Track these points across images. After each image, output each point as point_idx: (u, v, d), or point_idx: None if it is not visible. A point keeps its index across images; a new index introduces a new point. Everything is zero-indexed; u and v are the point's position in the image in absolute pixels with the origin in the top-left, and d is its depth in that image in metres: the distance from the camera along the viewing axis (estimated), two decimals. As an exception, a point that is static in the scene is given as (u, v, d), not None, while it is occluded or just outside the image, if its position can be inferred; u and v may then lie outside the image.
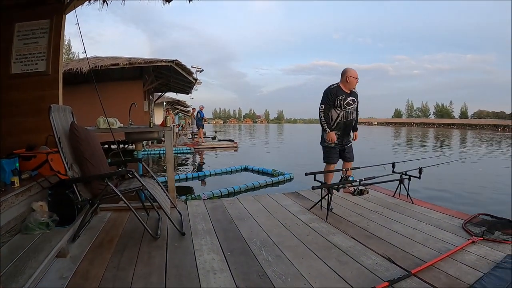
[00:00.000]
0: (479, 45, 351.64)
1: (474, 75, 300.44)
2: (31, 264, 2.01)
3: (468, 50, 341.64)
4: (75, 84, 12.00)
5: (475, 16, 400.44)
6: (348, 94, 4.76)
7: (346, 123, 4.83)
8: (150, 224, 3.53)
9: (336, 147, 4.86)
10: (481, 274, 2.43)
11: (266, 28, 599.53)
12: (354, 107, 4.82)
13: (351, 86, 4.77)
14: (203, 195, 6.51)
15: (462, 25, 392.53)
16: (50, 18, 4.03)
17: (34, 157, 3.39)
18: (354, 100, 4.81)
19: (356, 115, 4.96)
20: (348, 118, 4.79)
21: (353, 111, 4.83)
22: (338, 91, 4.74)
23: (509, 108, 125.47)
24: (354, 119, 4.91)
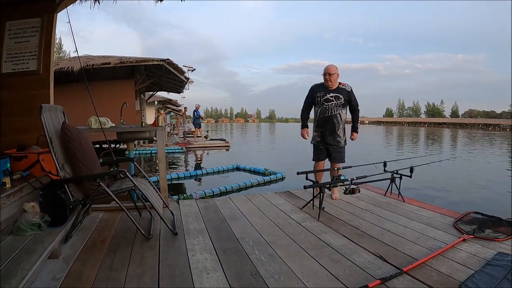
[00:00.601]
0: (470, 45, 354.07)
1: (465, 75, 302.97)
2: (23, 266, 2.00)
3: (459, 50, 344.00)
4: (66, 83, 11.91)
5: (466, 16, 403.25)
6: (330, 90, 4.66)
7: (324, 120, 4.71)
8: (143, 224, 3.52)
9: (320, 144, 4.80)
10: (472, 272, 2.46)
11: (257, 27, 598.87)
12: (334, 104, 4.63)
13: (326, 83, 4.68)
14: (195, 195, 6.50)
15: (453, 25, 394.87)
16: (42, 16, 4.00)
17: (25, 157, 3.37)
18: (338, 97, 4.62)
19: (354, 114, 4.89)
20: (325, 115, 4.69)
21: (332, 107, 4.64)
22: (318, 88, 4.77)
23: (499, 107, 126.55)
24: (333, 116, 4.65)
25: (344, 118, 4.74)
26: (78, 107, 7.07)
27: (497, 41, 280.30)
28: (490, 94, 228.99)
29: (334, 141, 4.70)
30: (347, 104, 4.72)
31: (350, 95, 4.69)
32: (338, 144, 4.71)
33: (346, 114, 4.78)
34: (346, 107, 4.75)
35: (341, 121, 4.70)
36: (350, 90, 4.69)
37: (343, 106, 4.67)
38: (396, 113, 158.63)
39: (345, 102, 4.66)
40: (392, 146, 23.26)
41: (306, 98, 4.90)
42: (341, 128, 4.72)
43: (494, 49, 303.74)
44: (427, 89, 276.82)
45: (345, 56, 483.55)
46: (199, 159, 14.80)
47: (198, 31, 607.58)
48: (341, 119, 4.69)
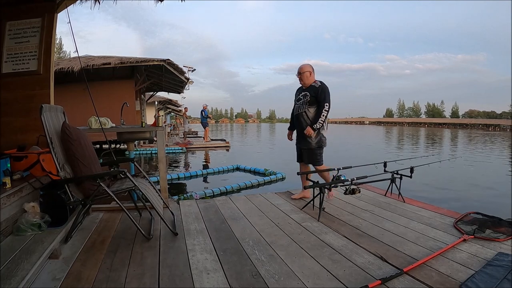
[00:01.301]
0: (469, 45, 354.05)
1: (465, 75, 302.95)
2: (23, 266, 2.00)
3: (459, 50, 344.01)
4: (66, 83, 11.92)
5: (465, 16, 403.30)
6: (302, 90, 4.68)
7: (295, 119, 4.80)
8: (143, 225, 3.52)
9: (297, 145, 4.85)
10: (472, 272, 2.46)
11: (257, 27, 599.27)
12: (302, 102, 4.60)
13: (300, 82, 4.72)
14: (195, 195, 6.50)
15: (453, 25, 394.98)
16: (42, 17, 4.00)
17: (25, 157, 3.37)
18: (306, 95, 4.56)
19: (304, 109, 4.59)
20: (294, 114, 4.79)
21: (299, 106, 4.64)
22: (298, 89, 4.85)
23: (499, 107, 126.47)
24: (299, 115, 4.64)
25: (313, 116, 4.55)
26: (78, 107, 7.10)
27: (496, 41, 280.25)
28: (490, 94, 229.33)
29: (304, 141, 4.63)
30: (315, 101, 4.53)
31: (318, 90, 4.50)
32: (308, 145, 4.60)
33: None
34: (316, 105, 4.55)
35: (308, 119, 4.57)
36: (318, 86, 4.52)
37: (310, 103, 4.54)
38: (396, 113, 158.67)
39: (311, 99, 4.53)
40: (392, 147, 23.25)
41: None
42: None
43: (493, 49, 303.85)
44: (427, 89, 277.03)
45: (345, 56, 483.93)
46: (199, 160, 14.77)
47: (198, 31, 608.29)
48: (307, 117, 4.57)
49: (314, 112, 4.54)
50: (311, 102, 4.52)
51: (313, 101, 4.52)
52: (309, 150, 4.61)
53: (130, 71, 14.87)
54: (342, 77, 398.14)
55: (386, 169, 4.60)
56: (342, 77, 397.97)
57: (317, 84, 4.53)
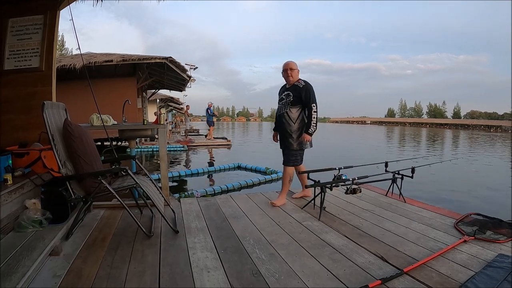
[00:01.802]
0: (471, 46, 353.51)
1: (467, 75, 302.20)
2: (24, 263, 2.01)
3: (461, 50, 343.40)
4: (68, 81, 11.91)
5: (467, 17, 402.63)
6: (285, 89, 4.50)
7: (277, 120, 4.58)
8: (144, 222, 3.52)
9: (280, 146, 4.65)
10: (472, 273, 2.46)
11: (259, 26, 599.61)
12: (284, 102, 4.42)
13: (286, 80, 4.52)
14: (196, 193, 6.50)
15: (454, 26, 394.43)
16: (44, 14, 4.01)
17: (27, 154, 3.38)
18: (288, 95, 4.37)
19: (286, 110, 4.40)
20: (277, 114, 4.59)
21: (281, 106, 4.46)
22: (281, 88, 4.67)
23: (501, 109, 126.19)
24: (281, 116, 4.43)
25: (296, 116, 4.34)
26: (80, 104, 7.10)
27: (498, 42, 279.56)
28: (492, 96, 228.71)
29: (286, 141, 4.44)
30: (298, 101, 4.32)
31: (302, 90, 4.29)
32: (289, 146, 4.42)
33: (301, 113, 4.37)
34: (299, 105, 4.35)
35: (290, 120, 4.35)
36: (302, 86, 4.31)
37: (293, 103, 4.33)
38: (398, 113, 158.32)
39: (294, 99, 4.32)
40: (393, 147, 23.23)
41: None
42: (294, 129, 4.36)
43: (495, 50, 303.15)
44: (429, 90, 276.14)
45: (347, 56, 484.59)
46: (200, 158, 14.78)
47: (200, 30, 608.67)
48: (289, 118, 4.35)
49: (296, 113, 4.35)
50: (294, 102, 4.33)
51: (296, 101, 4.33)
52: (290, 151, 4.44)
53: (132, 68, 14.87)
54: (344, 77, 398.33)
55: (387, 169, 4.59)
56: (343, 76, 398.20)
57: (301, 84, 4.34)
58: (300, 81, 4.38)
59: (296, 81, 4.40)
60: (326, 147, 20.46)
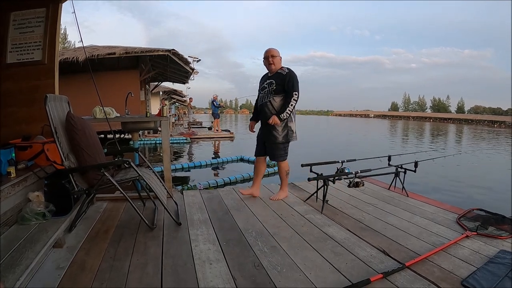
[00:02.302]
0: (477, 40, 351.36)
1: (471, 70, 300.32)
2: (27, 255, 2.02)
3: (466, 45, 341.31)
4: (71, 74, 11.90)
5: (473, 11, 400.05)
6: (268, 77, 4.26)
7: (259, 110, 4.32)
8: (146, 214, 3.53)
9: (260, 138, 4.41)
10: (474, 268, 2.46)
11: (262, 18, 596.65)
12: (266, 91, 4.16)
13: (268, 68, 4.26)
14: (199, 185, 6.52)
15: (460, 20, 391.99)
16: (46, 6, 3.99)
17: (30, 147, 3.38)
18: (271, 83, 4.12)
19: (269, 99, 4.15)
20: (259, 104, 4.32)
21: (264, 95, 4.20)
22: (262, 77, 4.42)
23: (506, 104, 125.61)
24: (263, 105, 4.19)
25: (280, 106, 4.11)
26: (83, 97, 7.09)
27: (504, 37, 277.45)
28: (496, 91, 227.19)
29: (269, 134, 4.20)
30: (282, 89, 4.08)
31: (285, 78, 4.06)
32: (273, 139, 4.18)
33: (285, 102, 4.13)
34: (283, 94, 4.11)
35: (273, 109, 4.12)
36: (286, 73, 4.09)
37: (276, 92, 4.09)
38: (402, 107, 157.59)
39: (278, 88, 4.08)
40: (396, 141, 23.19)
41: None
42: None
43: (501, 45, 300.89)
44: (433, 84, 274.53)
45: (351, 49, 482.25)
46: (203, 150, 14.79)
47: (203, 22, 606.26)
48: (273, 107, 4.12)
49: (280, 102, 4.12)
50: (277, 90, 4.09)
51: (280, 89, 4.09)
52: (275, 144, 4.21)
53: (135, 61, 14.85)
54: (348, 70, 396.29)
55: (390, 163, 4.59)
56: (347, 69, 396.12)
57: (284, 71, 4.11)
58: (284, 68, 4.17)
59: (279, 69, 4.19)
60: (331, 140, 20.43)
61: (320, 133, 30.07)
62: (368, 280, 2.23)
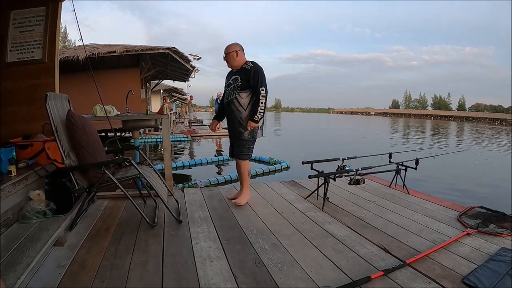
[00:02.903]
0: (478, 38, 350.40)
1: (472, 68, 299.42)
2: (28, 253, 2.02)
3: (467, 43, 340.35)
4: (71, 72, 11.93)
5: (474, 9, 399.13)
6: (233, 73, 4.03)
7: (225, 108, 4.08)
8: (147, 212, 3.53)
9: (230, 138, 4.22)
10: (475, 266, 2.46)
11: (263, 16, 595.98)
12: (232, 87, 3.96)
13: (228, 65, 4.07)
14: (200, 183, 6.53)
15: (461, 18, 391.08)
16: (46, 5, 3.98)
17: (30, 145, 3.38)
18: (236, 79, 3.92)
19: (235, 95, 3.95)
20: (224, 101, 4.09)
21: (229, 92, 3.99)
22: (228, 73, 4.17)
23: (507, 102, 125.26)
24: (229, 102, 3.97)
25: (246, 102, 3.92)
26: (83, 95, 7.09)
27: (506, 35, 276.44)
28: (497, 89, 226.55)
29: (236, 131, 4.02)
30: (247, 85, 3.89)
31: (249, 73, 3.86)
32: (239, 136, 4.00)
33: (251, 98, 3.94)
34: (249, 90, 3.92)
35: (240, 106, 3.92)
36: (250, 67, 3.89)
37: (242, 88, 3.90)
38: (403, 105, 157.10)
39: (243, 83, 3.88)
40: (397, 138, 23.18)
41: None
42: (244, 116, 3.93)
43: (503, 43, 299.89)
44: (434, 82, 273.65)
45: (352, 47, 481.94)
46: (205, 148, 14.79)
47: (203, 20, 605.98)
48: (239, 104, 3.92)
49: (247, 98, 3.93)
50: (243, 86, 3.90)
51: (245, 85, 3.90)
52: (241, 141, 4.02)
53: (136, 59, 14.85)
54: (349, 68, 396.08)
55: (391, 160, 4.58)
56: (348, 67, 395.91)
57: (248, 66, 3.92)
58: (248, 63, 3.96)
59: (243, 64, 3.97)
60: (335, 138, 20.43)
61: (321, 132, 30.03)
62: (368, 277, 2.23)
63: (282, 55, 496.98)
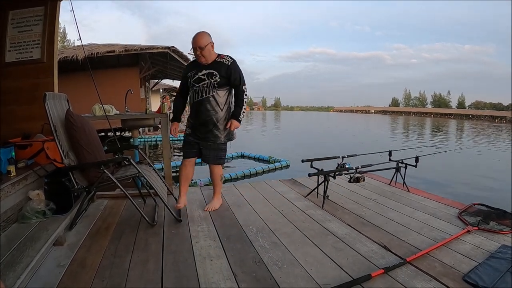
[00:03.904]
0: (478, 36, 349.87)
1: (472, 66, 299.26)
2: (28, 253, 2.02)
3: (467, 40, 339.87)
4: (70, 72, 11.91)
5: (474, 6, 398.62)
6: (203, 67, 3.49)
7: (195, 106, 3.57)
8: (147, 211, 3.52)
9: (191, 138, 3.70)
10: (475, 264, 2.46)
11: (262, 15, 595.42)
12: (207, 84, 3.46)
13: (198, 60, 3.53)
14: (199, 182, 6.52)
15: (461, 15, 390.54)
16: (45, 5, 3.98)
17: (30, 145, 3.38)
18: (212, 74, 3.45)
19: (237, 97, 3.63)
20: (195, 99, 3.54)
21: (203, 89, 3.47)
22: (191, 66, 3.67)
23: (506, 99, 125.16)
24: (204, 100, 3.48)
25: (224, 101, 3.55)
26: (83, 95, 7.10)
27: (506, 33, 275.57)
28: (497, 86, 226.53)
29: (209, 134, 3.59)
30: (227, 82, 3.52)
31: (230, 69, 3.49)
32: (214, 140, 3.61)
33: (229, 97, 3.62)
34: (227, 87, 3.57)
35: (217, 106, 3.51)
36: (231, 63, 3.51)
37: (220, 85, 3.49)
38: (402, 103, 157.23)
39: (222, 80, 3.47)
40: (397, 136, 23.18)
41: (180, 82, 3.78)
42: (220, 117, 3.56)
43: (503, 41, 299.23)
44: (433, 79, 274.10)
45: (351, 45, 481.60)
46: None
47: (202, 18, 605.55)
48: (216, 103, 3.51)
49: (224, 96, 3.56)
50: (221, 83, 3.49)
51: (224, 82, 3.51)
52: (217, 145, 3.66)
53: (135, 58, 14.85)
54: (348, 66, 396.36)
55: (391, 158, 4.58)
56: (348, 65, 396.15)
57: (228, 61, 3.52)
58: (226, 57, 3.56)
59: (218, 57, 3.55)
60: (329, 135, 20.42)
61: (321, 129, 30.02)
62: (369, 275, 2.23)
63: (282, 54, 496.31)
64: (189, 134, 3.71)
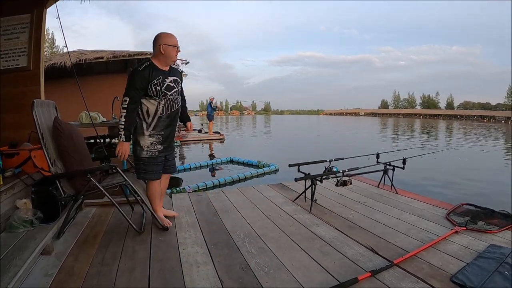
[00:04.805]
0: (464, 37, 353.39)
1: (460, 67, 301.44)
2: (15, 262, 2.02)
3: (454, 42, 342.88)
4: (59, 79, 11.82)
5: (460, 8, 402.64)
6: (167, 73, 3.20)
7: (171, 117, 3.22)
8: (135, 219, 3.52)
9: (161, 155, 3.24)
10: (463, 264, 2.49)
11: (251, 19, 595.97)
12: (178, 91, 3.25)
13: (169, 60, 3.25)
14: (188, 188, 6.51)
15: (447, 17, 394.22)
16: (31, 12, 3.98)
17: (17, 154, 3.38)
18: (178, 81, 3.25)
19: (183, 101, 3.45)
20: (172, 110, 3.20)
21: (177, 97, 3.24)
22: (152, 71, 3.15)
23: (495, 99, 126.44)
24: (178, 110, 3.30)
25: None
26: (71, 102, 7.04)
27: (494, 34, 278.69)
28: (485, 86, 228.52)
29: (172, 143, 3.43)
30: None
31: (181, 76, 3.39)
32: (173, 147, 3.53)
33: None
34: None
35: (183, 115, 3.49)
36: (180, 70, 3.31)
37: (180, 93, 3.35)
38: (392, 104, 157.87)
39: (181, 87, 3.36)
40: (387, 138, 23.29)
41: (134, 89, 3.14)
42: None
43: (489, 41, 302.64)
44: (422, 81, 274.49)
45: (340, 48, 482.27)
46: (193, 153, 14.76)
47: (191, 24, 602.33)
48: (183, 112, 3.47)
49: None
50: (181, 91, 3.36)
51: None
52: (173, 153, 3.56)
53: (124, 65, 14.76)
54: (337, 69, 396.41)
55: (378, 161, 4.62)
56: (337, 68, 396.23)
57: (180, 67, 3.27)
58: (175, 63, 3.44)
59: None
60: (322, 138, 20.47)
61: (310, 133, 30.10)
62: (355, 279, 2.25)
63: (271, 58, 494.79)
64: (161, 151, 3.23)
